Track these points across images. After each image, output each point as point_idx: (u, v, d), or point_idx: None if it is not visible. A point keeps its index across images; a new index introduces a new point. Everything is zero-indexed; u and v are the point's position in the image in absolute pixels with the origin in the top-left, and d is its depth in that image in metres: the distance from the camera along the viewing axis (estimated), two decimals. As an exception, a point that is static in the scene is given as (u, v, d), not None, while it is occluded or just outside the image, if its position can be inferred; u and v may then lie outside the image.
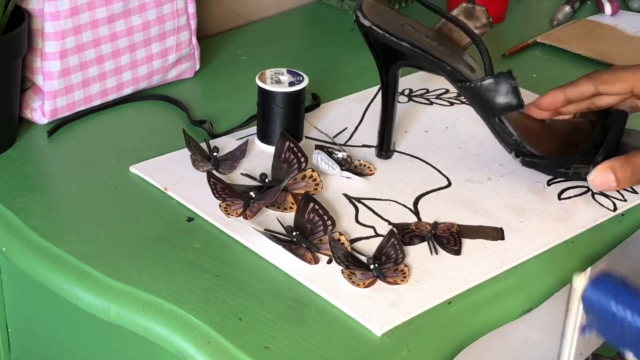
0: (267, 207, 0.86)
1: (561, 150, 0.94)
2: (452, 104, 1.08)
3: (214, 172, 0.91)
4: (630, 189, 0.94)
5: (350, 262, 0.79)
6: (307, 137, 0.99)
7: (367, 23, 0.89)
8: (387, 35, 0.89)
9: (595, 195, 0.92)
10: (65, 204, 0.88)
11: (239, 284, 0.77)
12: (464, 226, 0.86)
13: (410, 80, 1.12)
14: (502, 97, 0.89)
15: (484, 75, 0.90)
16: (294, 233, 0.82)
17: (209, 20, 1.26)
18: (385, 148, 0.96)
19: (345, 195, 0.90)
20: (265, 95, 0.94)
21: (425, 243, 0.83)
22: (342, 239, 0.81)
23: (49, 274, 0.79)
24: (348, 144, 0.99)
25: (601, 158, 0.88)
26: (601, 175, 0.85)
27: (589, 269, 0.92)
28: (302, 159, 0.90)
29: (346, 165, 0.93)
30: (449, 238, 0.83)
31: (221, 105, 1.06)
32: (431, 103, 1.08)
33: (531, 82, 1.14)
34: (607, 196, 0.92)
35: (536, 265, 0.82)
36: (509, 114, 0.91)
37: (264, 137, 0.96)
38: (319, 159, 0.92)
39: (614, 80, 0.94)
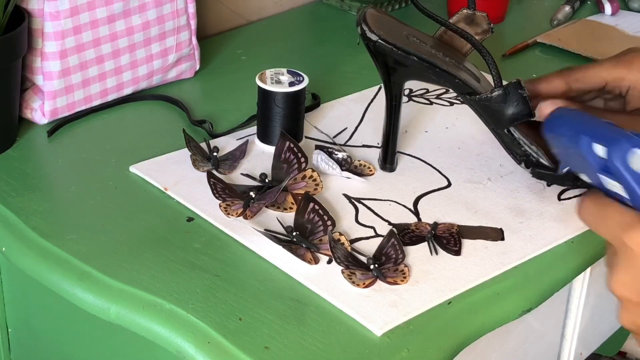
0: (267, 207, 0.86)
1: None
2: (452, 104, 1.08)
3: (214, 172, 0.90)
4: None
5: (350, 262, 0.79)
6: (307, 137, 0.99)
7: (374, 37, 0.87)
8: (394, 49, 0.87)
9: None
10: (65, 204, 0.88)
11: (239, 284, 0.77)
12: (464, 227, 0.85)
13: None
14: (512, 108, 0.87)
15: (489, 83, 0.89)
16: (294, 233, 0.82)
17: (209, 20, 1.26)
18: (389, 160, 0.93)
19: (345, 196, 0.90)
20: (265, 96, 0.94)
21: (425, 243, 0.83)
22: (342, 239, 0.81)
23: (49, 274, 0.79)
24: (348, 144, 0.99)
25: None
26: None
27: (588, 270, 0.92)
28: (302, 159, 0.90)
29: (346, 165, 0.93)
30: (449, 238, 0.83)
31: (221, 105, 1.06)
32: (431, 103, 1.08)
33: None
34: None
35: (536, 266, 0.82)
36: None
37: (264, 137, 0.96)
38: (319, 159, 0.92)
39: (587, 77, 0.92)
